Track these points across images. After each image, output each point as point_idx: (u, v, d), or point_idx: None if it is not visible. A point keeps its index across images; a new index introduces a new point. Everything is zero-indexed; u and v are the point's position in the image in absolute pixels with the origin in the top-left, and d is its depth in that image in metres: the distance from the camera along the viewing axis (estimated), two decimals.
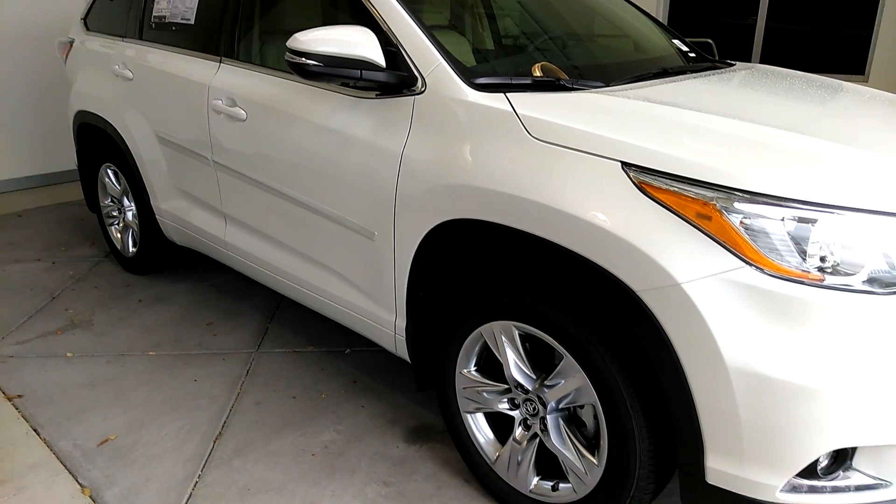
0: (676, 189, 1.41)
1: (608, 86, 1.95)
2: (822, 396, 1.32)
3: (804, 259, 1.33)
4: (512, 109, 1.70)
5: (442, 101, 1.84)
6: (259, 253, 2.61)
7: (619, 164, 1.49)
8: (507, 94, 1.76)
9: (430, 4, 2.37)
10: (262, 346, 2.93)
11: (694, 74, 2.22)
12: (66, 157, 5.47)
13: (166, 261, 3.63)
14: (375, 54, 1.90)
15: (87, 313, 3.24)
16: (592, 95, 1.79)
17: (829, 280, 1.32)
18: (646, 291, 1.42)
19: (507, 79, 1.90)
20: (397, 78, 1.92)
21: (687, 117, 1.62)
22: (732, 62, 2.63)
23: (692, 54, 2.68)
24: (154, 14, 3.07)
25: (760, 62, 5.53)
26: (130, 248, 3.64)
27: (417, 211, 1.86)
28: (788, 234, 1.34)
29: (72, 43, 3.77)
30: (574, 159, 1.55)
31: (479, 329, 1.84)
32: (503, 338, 1.79)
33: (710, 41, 3.17)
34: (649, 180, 1.44)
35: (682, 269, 1.37)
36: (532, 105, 1.70)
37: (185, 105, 2.76)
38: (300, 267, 2.42)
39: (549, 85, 1.92)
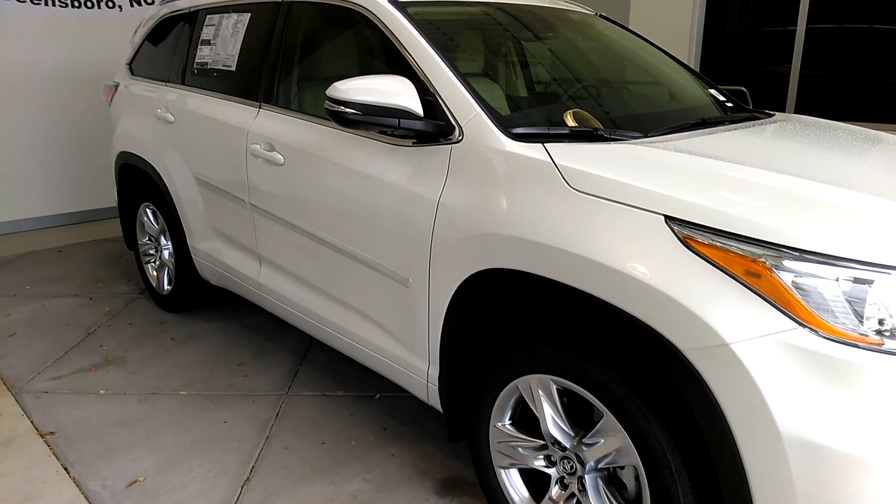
0: (723, 245, 1.37)
1: (646, 136, 1.93)
2: (880, 468, 1.24)
3: (861, 321, 1.27)
4: (550, 160, 1.68)
5: (479, 151, 1.84)
6: (292, 295, 2.62)
7: (663, 217, 1.46)
8: (545, 145, 1.75)
9: (463, 51, 2.39)
10: (291, 389, 2.91)
11: (733, 125, 2.19)
12: (106, 195, 5.63)
13: (200, 300, 3.66)
14: (413, 103, 1.91)
15: (121, 350, 3.27)
16: (632, 147, 1.77)
17: (889, 344, 1.26)
18: (692, 350, 1.37)
19: (544, 128, 1.90)
20: (435, 127, 1.93)
21: (731, 170, 1.59)
22: (771, 112, 2.59)
23: (729, 104, 2.66)
24: (197, 60, 3.16)
25: (795, 111, 5.47)
26: (165, 287, 3.69)
27: (453, 259, 1.85)
28: (843, 294, 1.28)
29: (117, 86, 3.90)
30: (615, 211, 1.53)
31: (514, 381, 1.80)
32: (540, 392, 1.74)
33: (743, 89, 3.15)
34: (694, 235, 1.40)
35: (731, 329, 1.32)
36: (570, 156, 1.69)
37: (224, 148, 2.82)
38: (333, 310, 2.42)
39: (586, 135, 1.91)
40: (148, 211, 3.68)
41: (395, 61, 2.15)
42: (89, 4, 5.38)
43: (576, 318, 1.70)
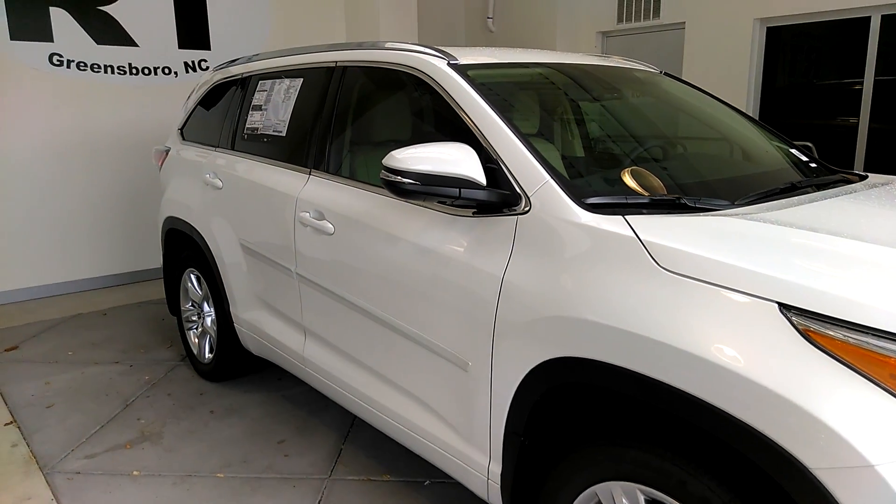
0: (859, 342, 1.14)
1: (733, 205, 1.73)
2: None
3: None
4: (634, 235, 1.49)
5: (549, 223, 1.66)
6: (338, 372, 2.44)
7: (776, 305, 1.25)
8: (626, 217, 1.56)
9: (525, 116, 2.26)
10: (334, 472, 2.70)
11: (829, 190, 1.97)
12: (152, 257, 5.64)
13: (241, 369, 3.52)
14: (476, 172, 1.76)
15: (158, 424, 3.12)
16: (726, 219, 1.57)
17: None
18: (825, 471, 1.13)
19: (621, 198, 1.72)
20: (499, 197, 1.77)
21: (854, 249, 1.37)
22: (862, 173, 2.36)
23: (812, 163, 2.44)
24: (247, 125, 3.11)
25: (865, 167, 5.19)
26: (207, 355, 3.56)
27: (520, 343, 1.65)
28: None
29: (168, 151, 3.89)
30: (716, 297, 1.32)
31: (593, 487, 1.56)
32: (625, 502, 1.50)
33: (809, 144, 2.92)
34: (819, 329, 1.18)
35: (876, 448, 1.08)
36: (657, 230, 1.50)
37: (271, 215, 2.71)
38: (382, 391, 2.23)
39: (666, 204, 1.72)
40: (192, 277, 3.60)
41: (454, 127, 2.02)
42: (146, 71, 5.52)
43: (671, 419, 1.47)
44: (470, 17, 7.84)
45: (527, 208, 1.73)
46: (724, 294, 1.31)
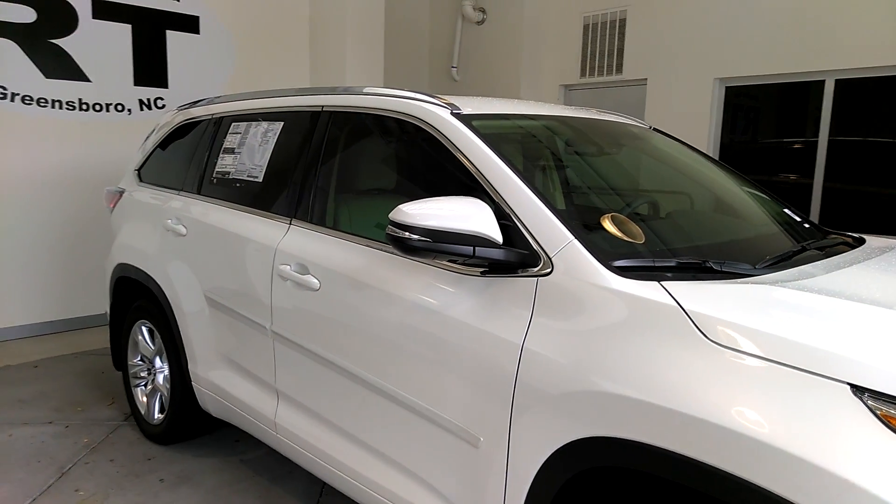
0: None
1: (755, 269, 1.64)
2: None
3: None
4: (676, 304, 1.37)
5: (576, 288, 1.53)
6: (318, 441, 2.21)
7: (848, 387, 1.13)
8: (663, 283, 1.44)
9: (527, 166, 2.14)
10: None
11: (847, 255, 1.91)
12: (90, 303, 5.24)
13: (195, 431, 3.21)
14: (491, 229, 1.63)
15: (100, 496, 2.78)
16: (766, 288, 1.47)
17: None
18: None
19: (648, 260, 1.60)
20: (517, 257, 1.63)
21: None
22: (856, 235, 2.34)
23: (806, 224, 2.41)
24: (217, 169, 2.90)
25: (820, 221, 5.33)
26: (156, 415, 3.24)
27: (545, 419, 1.49)
28: None
29: (121, 193, 3.62)
30: (777, 376, 1.20)
31: None
32: None
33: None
34: None
35: None
36: (700, 299, 1.38)
37: (244, 267, 2.50)
38: (372, 465, 2.01)
39: (692, 267, 1.62)
40: (144, 329, 3.30)
41: (460, 180, 1.89)
42: (98, 107, 5.23)
43: None
44: (434, 65, 7.86)
45: (547, 270, 1.59)
46: (787, 373, 1.19)
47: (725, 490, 1.21)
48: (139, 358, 3.38)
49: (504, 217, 1.70)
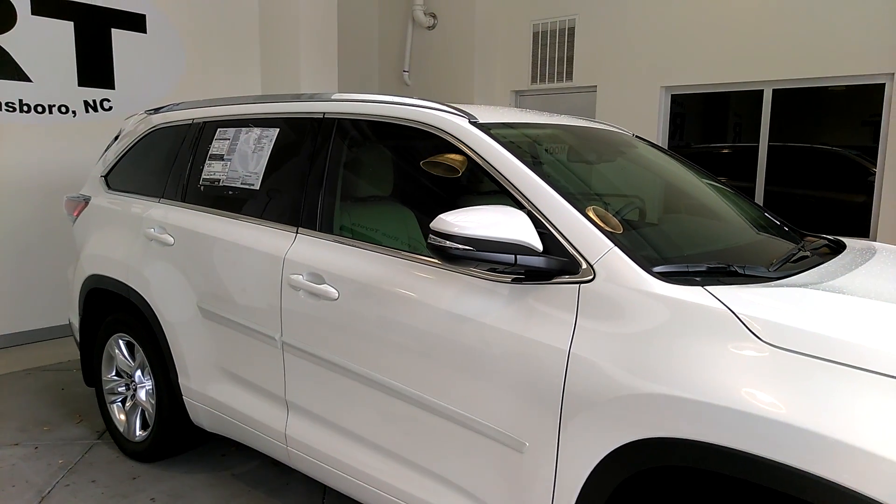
0: None
1: (769, 271, 1.77)
2: None
3: None
4: (726, 308, 1.47)
5: (621, 294, 1.60)
6: (338, 453, 2.20)
7: None
8: (707, 288, 1.54)
9: (552, 173, 2.18)
10: None
11: (844, 256, 2.07)
12: (40, 315, 4.96)
13: (182, 447, 3.11)
14: (531, 237, 1.68)
15: None
16: (800, 290, 1.59)
17: None
18: None
19: (682, 266, 1.70)
20: (558, 264, 1.69)
21: None
22: (837, 238, 2.51)
23: (785, 227, 2.59)
24: (205, 176, 2.82)
25: None
26: (138, 432, 3.12)
27: (596, 424, 1.55)
28: None
29: (86, 201, 3.46)
30: (833, 374, 1.31)
31: None
32: None
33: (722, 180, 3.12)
34: None
35: None
36: (746, 301, 1.48)
37: (247, 277, 2.45)
38: (403, 475, 2.02)
39: (718, 271, 1.72)
40: (121, 343, 3.17)
41: (485, 189, 1.93)
42: (40, 109, 4.95)
43: None
44: (385, 69, 7.85)
45: (589, 276, 1.66)
46: (853, 374, 1.30)
47: (791, 484, 1.30)
48: (114, 373, 3.24)
49: (538, 225, 1.76)
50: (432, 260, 1.97)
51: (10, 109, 4.82)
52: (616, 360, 1.54)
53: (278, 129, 2.59)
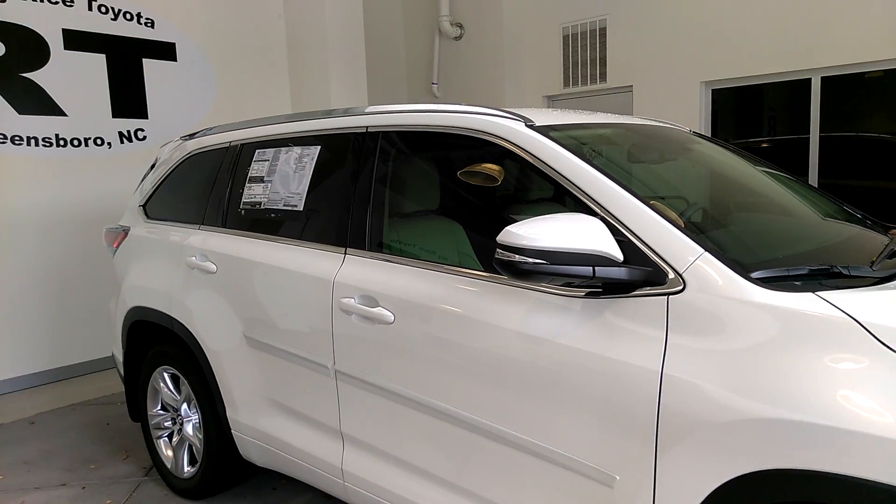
0: None
1: (872, 270, 1.58)
2: None
3: None
4: (847, 316, 1.28)
5: (718, 304, 1.43)
6: (403, 490, 2.04)
7: None
8: (820, 294, 1.36)
9: (621, 176, 2.02)
10: None
11: None
12: (79, 349, 4.93)
13: (232, 482, 3.00)
14: (610, 246, 1.52)
15: None
16: None
17: None
18: None
19: (782, 270, 1.52)
20: (642, 275, 1.52)
21: None
22: None
23: (868, 221, 2.37)
24: (245, 200, 2.72)
25: None
26: (186, 468, 3.01)
27: (700, 454, 1.38)
28: None
29: (126, 231, 3.39)
30: None
31: None
32: None
33: None
34: None
35: None
36: (868, 308, 1.30)
37: (295, 303, 2.33)
38: None
39: (822, 273, 1.54)
40: (166, 376, 3.07)
41: (551, 195, 1.78)
42: (76, 143, 4.95)
43: None
44: (413, 82, 7.77)
45: (678, 287, 1.49)
46: None
47: None
48: (160, 407, 3.15)
49: (614, 233, 1.59)
50: (493, 275, 1.82)
51: (47, 144, 4.83)
52: (721, 380, 1.36)
53: (320, 147, 2.48)
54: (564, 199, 2.56)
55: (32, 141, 4.75)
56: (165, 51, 5.51)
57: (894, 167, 5.20)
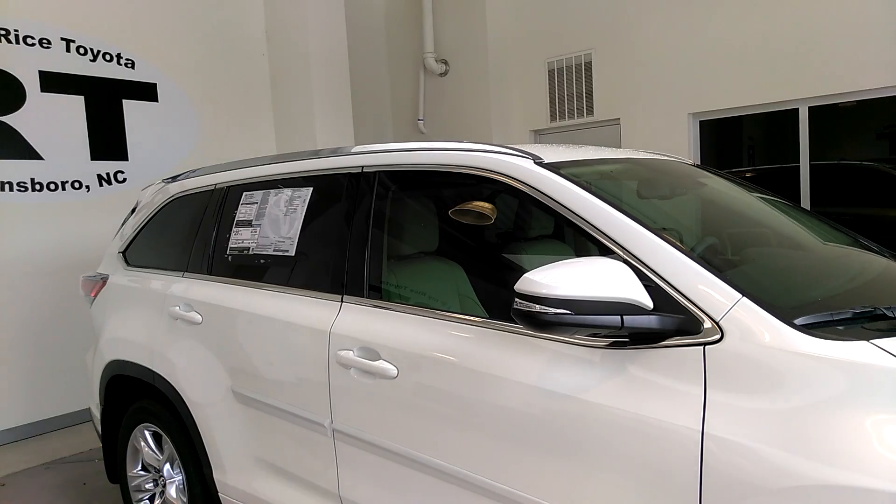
0: None
1: None
2: None
3: None
4: None
5: (762, 355, 1.30)
6: None
7: None
8: (875, 342, 1.23)
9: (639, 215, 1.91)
10: None
11: None
12: (56, 402, 4.69)
13: None
14: (639, 293, 1.39)
15: None
16: None
17: None
18: None
19: (826, 315, 1.40)
20: (675, 323, 1.39)
21: None
22: None
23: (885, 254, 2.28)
24: (232, 245, 2.57)
25: None
26: None
27: None
28: None
29: (104, 280, 3.22)
30: None
31: None
32: None
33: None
34: None
35: None
36: None
37: (288, 356, 2.17)
38: None
39: (865, 316, 1.42)
40: (147, 434, 2.87)
41: (564, 238, 1.65)
42: (52, 186, 4.79)
43: None
44: (398, 119, 7.72)
45: (716, 336, 1.36)
46: None
47: None
48: (141, 467, 2.94)
49: (639, 276, 1.47)
50: (507, 325, 1.68)
51: (23, 189, 4.66)
52: (770, 440, 1.22)
53: (311, 188, 2.35)
54: (564, 234, 2.46)
55: (7, 186, 4.58)
56: (146, 91, 5.40)
57: (879, 194, 5.20)
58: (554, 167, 1.79)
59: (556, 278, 1.38)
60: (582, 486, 1.48)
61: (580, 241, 2.55)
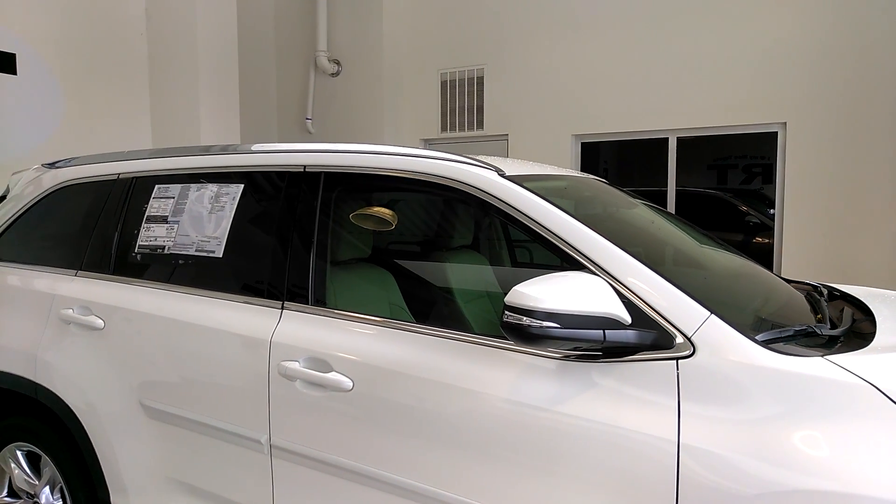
0: None
1: (833, 330, 1.67)
2: None
3: None
4: (862, 381, 1.31)
5: (731, 369, 1.40)
6: None
7: None
8: (828, 358, 1.38)
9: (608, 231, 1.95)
10: None
11: (876, 310, 2.02)
12: None
13: None
14: (619, 308, 1.45)
15: None
16: None
17: None
18: None
19: (776, 332, 1.54)
20: (651, 338, 1.46)
21: None
22: (814, 284, 2.50)
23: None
24: (142, 243, 2.33)
25: None
26: None
27: None
28: None
29: None
30: None
31: None
32: None
33: None
34: None
35: None
36: (876, 373, 1.33)
37: (216, 367, 2.00)
38: None
39: (804, 334, 1.59)
40: (19, 455, 2.52)
41: (529, 250, 1.68)
42: None
43: None
44: (283, 116, 7.44)
45: (688, 351, 1.45)
46: None
47: None
48: (7, 493, 2.57)
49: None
50: (470, 336, 1.67)
51: None
52: (747, 450, 1.32)
53: (243, 185, 2.19)
54: (481, 246, 2.50)
55: None
56: (4, 62, 4.77)
57: (721, 220, 5.85)
58: (517, 180, 1.81)
59: (543, 291, 1.40)
60: (557, 499, 1.50)
61: (494, 252, 2.61)
